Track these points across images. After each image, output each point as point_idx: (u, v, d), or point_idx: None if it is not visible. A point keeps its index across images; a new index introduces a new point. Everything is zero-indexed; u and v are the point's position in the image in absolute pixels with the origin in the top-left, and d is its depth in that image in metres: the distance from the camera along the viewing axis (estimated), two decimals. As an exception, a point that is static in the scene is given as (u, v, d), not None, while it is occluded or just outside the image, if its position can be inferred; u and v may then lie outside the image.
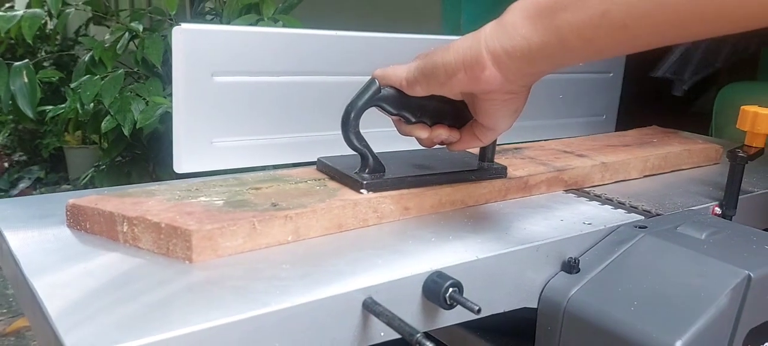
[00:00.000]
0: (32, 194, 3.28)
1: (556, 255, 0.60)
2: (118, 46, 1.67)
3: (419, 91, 0.56)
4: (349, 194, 0.59)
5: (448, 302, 0.49)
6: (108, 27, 2.33)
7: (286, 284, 0.46)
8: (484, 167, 0.68)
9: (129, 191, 0.57)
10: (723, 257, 0.57)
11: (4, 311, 2.39)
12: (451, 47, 0.52)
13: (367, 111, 0.59)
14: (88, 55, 1.70)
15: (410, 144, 0.65)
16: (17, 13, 1.69)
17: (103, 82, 1.58)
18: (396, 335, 0.48)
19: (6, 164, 3.65)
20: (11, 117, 3.66)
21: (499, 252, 0.55)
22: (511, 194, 0.69)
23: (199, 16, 2.08)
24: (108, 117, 1.57)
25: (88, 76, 1.64)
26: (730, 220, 0.73)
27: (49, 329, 0.40)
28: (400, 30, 0.81)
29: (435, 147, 0.63)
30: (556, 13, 0.46)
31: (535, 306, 0.60)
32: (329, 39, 0.76)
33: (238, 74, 0.70)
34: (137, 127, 1.47)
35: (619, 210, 0.70)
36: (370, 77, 0.59)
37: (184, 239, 0.48)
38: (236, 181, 0.62)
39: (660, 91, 1.26)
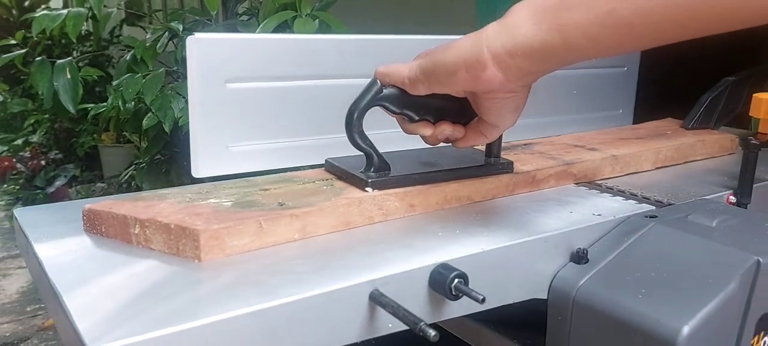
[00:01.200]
0: (68, 191, 3.34)
1: (565, 246, 0.60)
2: (158, 46, 1.71)
3: (421, 90, 0.57)
4: (354, 193, 0.60)
5: (454, 293, 0.50)
6: (142, 28, 2.38)
7: (295, 278, 0.48)
8: (491, 163, 0.69)
9: (142, 195, 0.59)
10: (732, 243, 0.56)
11: (44, 305, 2.45)
12: (453, 46, 0.53)
13: (375, 111, 0.60)
14: (130, 53, 1.73)
15: (419, 143, 0.66)
16: (61, 12, 1.73)
17: (144, 80, 1.61)
18: (404, 328, 0.49)
19: (43, 162, 3.74)
20: (47, 116, 3.78)
21: (505, 244, 0.56)
22: (519, 189, 0.70)
23: (233, 18, 2.10)
24: (149, 114, 1.59)
25: (129, 74, 1.67)
26: (746, 208, 0.72)
27: (68, 323, 0.42)
28: (433, 31, 0.81)
29: (442, 145, 0.64)
30: (561, 12, 0.46)
31: (545, 297, 0.60)
32: (339, 43, 0.77)
33: (251, 80, 0.71)
34: (179, 123, 1.49)
35: (631, 201, 0.70)
36: (371, 77, 0.60)
37: (193, 239, 0.50)
38: (247, 183, 0.63)
39: (679, 85, 1.25)
